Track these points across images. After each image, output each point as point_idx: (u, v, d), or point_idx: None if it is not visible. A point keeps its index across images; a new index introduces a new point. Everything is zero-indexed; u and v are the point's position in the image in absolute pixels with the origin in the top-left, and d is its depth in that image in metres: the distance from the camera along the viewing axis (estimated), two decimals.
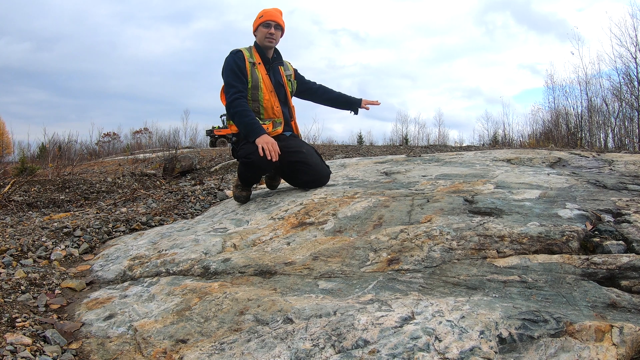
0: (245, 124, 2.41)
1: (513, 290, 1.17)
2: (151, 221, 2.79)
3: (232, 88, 2.48)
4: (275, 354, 1.02)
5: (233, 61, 2.53)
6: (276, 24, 2.59)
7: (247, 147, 2.45)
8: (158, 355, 1.13)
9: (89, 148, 19.43)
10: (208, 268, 1.67)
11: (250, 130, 2.39)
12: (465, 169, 2.91)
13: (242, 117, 2.43)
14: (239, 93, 2.48)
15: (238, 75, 2.52)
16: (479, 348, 0.91)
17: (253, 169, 2.50)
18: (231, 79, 2.50)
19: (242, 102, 2.47)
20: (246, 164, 2.50)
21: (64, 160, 7.40)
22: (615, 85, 11.31)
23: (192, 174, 6.15)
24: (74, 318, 1.45)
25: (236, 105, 2.45)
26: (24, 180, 4.68)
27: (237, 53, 2.57)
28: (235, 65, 2.52)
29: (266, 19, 2.57)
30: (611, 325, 0.90)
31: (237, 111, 2.44)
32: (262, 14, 2.61)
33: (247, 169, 2.54)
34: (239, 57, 2.55)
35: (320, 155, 2.74)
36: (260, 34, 2.59)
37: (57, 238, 2.37)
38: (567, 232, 1.43)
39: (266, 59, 2.64)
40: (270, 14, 2.59)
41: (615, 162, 3.03)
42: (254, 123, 2.40)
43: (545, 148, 5.48)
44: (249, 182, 2.69)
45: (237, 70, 2.52)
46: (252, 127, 2.39)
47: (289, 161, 2.54)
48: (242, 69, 2.54)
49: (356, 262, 1.51)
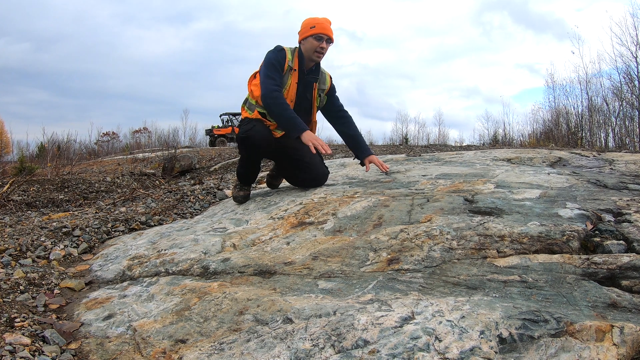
0: (287, 119, 2.39)
1: (513, 290, 1.16)
2: (150, 221, 2.78)
3: (272, 80, 2.43)
4: (274, 354, 1.02)
5: (275, 57, 2.48)
6: (328, 38, 2.49)
7: (246, 126, 2.46)
8: (157, 355, 1.12)
9: (88, 148, 19.41)
10: (207, 268, 1.67)
11: (292, 125, 2.39)
12: (465, 168, 2.90)
13: (284, 110, 2.39)
14: (278, 87, 2.43)
15: (278, 71, 2.47)
16: (479, 348, 0.91)
17: (251, 147, 2.48)
18: (271, 72, 2.45)
19: (283, 96, 2.43)
20: (244, 140, 2.48)
21: (62, 159, 7.39)
22: (615, 85, 11.27)
23: (192, 173, 6.14)
24: (73, 318, 1.45)
25: (277, 97, 2.40)
26: (23, 179, 4.67)
27: (281, 51, 2.51)
28: (277, 61, 2.47)
29: (319, 31, 2.46)
30: (612, 325, 0.90)
31: (278, 103, 2.39)
32: (314, 24, 2.48)
33: (245, 147, 2.51)
34: (282, 56, 2.49)
35: (321, 156, 2.74)
36: (309, 45, 2.48)
37: (56, 238, 2.36)
38: (567, 231, 1.43)
39: (302, 68, 2.56)
40: (323, 26, 2.48)
41: (615, 162, 3.03)
42: (296, 118, 2.39)
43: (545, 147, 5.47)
44: (248, 177, 2.66)
45: (278, 66, 2.47)
46: (294, 122, 2.39)
47: (290, 157, 2.56)
48: (282, 67, 2.49)
49: (356, 261, 1.50)
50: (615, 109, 11.19)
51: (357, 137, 2.79)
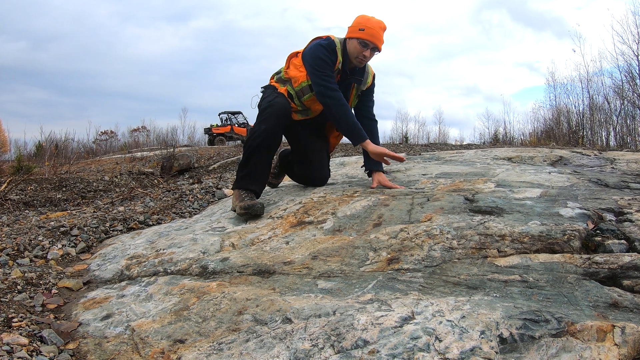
0: (352, 124, 2.28)
1: (514, 290, 1.16)
2: (149, 220, 2.77)
3: (326, 76, 2.26)
4: (274, 354, 1.01)
5: (328, 56, 2.29)
6: (374, 47, 2.30)
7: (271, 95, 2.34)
8: (156, 356, 1.12)
9: (86, 146, 19.33)
10: (206, 267, 1.66)
11: (357, 133, 2.28)
12: (465, 167, 2.90)
13: (346, 113, 2.27)
14: (334, 84, 2.28)
15: (331, 69, 2.30)
16: (479, 348, 0.90)
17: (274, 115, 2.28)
18: (325, 69, 2.27)
19: (342, 96, 2.28)
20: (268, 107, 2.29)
21: (60, 158, 7.36)
22: (617, 83, 11.23)
23: (190, 172, 6.13)
24: (70, 318, 1.44)
25: (338, 97, 2.25)
26: (21, 178, 4.65)
27: (333, 52, 2.31)
28: (330, 60, 2.30)
29: (366, 37, 2.26)
30: (613, 325, 0.89)
31: (341, 104, 2.25)
32: (364, 26, 2.28)
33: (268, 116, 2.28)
34: (333, 60, 2.31)
35: (328, 159, 2.68)
36: (353, 48, 2.31)
37: (54, 237, 2.35)
38: (568, 231, 1.43)
39: (345, 68, 2.39)
40: (372, 32, 2.27)
41: (617, 161, 3.03)
42: (358, 124, 2.29)
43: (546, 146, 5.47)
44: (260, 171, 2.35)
45: (330, 63, 2.30)
46: (357, 127, 2.28)
47: (297, 147, 2.55)
48: (333, 64, 2.32)
49: (356, 261, 1.50)
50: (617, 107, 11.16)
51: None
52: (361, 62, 2.36)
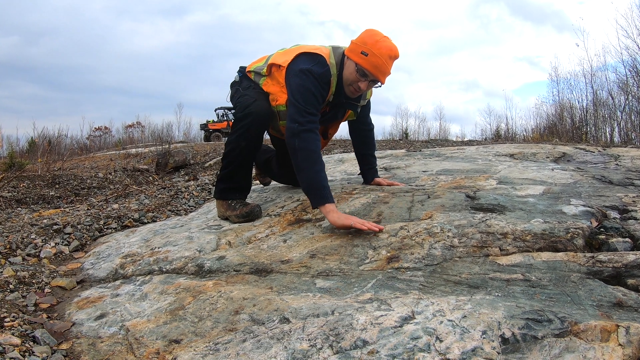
0: (317, 182, 1.75)
1: (516, 289, 1.14)
2: (144, 218, 2.74)
3: (308, 113, 1.82)
4: (271, 354, 1.00)
5: (317, 87, 1.87)
6: (373, 80, 1.89)
7: (244, 99, 2.02)
8: (151, 356, 1.10)
9: (80, 142, 19.16)
10: (202, 266, 1.64)
11: (319, 193, 1.74)
12: (467, 164, 2.88)
13: (316, 168, 1.78)
14: (315, 124, 1.84)
15: (319, 103, 1.90)
16: (481, 348, 0.89)
17: (255, 129, 1.98)
18: (311, 106, 1.85)
19: (316, 142, 1.82)
20: (242, 119, 1.97)
21: (53, 155, 7.27)
22: (621, 78, 11.10)
23: (186, 169, 6.08)
24: (64, 318, 1.42)
25: (309, 140, 1.79)
26: (13, 175, 4.60)
27: (327, 85, 1.92)
28: (319, 94, 1.89)
29: (367, 67, 1.82)
30: (617, 325, 0.88)
31: (311, 153, 1.79)
32: (369, 49, 1.81)
33: (246, 130, 1.99)
34: (323, 95, 1.93)
35: None
36: (350, 74, 1.90)
37: (47, 235, 2.32)
38: (571, 229, 1.41)
39: (340, 91, 2.00)
40: (378, 63, 1.81)
41: (621, 157, 3.02)
42: (324, 183, 1.76)
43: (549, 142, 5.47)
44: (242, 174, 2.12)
45: (320, 97, 1.90)
46: (321, 187, 1.74)
47: (280, 149, 2.38)
48: (324, 99, 1.95)
49: (355, 260, 1.48)
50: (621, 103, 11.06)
51: (369, 158, 2.39)
52: (354, 93, 1.97)
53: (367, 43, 1.82)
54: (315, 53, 1.93)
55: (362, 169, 2.43)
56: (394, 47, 1.84)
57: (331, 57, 1.94)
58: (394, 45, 1.85)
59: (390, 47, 1.83)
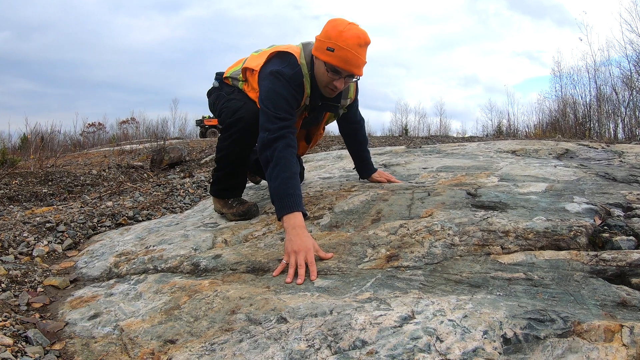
0: (278, 189, 1.60)
1: (518, 288, 1.13)
2: (138, 215, 2.71)
3: (278, 119, 1.69)
4: (268, 355, 0.98)
5: (289, 91, 1.75)
6: (349, 75, 1.74)
7: (232, 104, 1.94)
8: (145, 357, 1.08)
9: (73, 139, 19.02)
10: (198, 265, 1.62)
11: (286, 201, 1.57)
12: (467, 160, 2.87)
13: (282, 172, 1.62)
14: (287, 129, 1.69)
15: (291, 105, 1.76)
16: (482, 349, 0.88)
17: (247, 135, 1.91)
18: (281, 104, 1.72)
19: (289, 148, 1.66)
20: (233, 124, 1.89)
21: (46, 151, 7.20)
22: (625, 73, 11.04)
23: (181, 166, 6.04)
24: (57, 317, 1.40)
25: (279, 147, 1.64)
26: (5, 172, 4.54)
27: (300, 87, 1.80)
28: (292, 96, 1.76)
29: (337, 63, 1.68)
30: (621, 325, 0.87)
31: (282, 164, 1.62)
32: (334, 43, 1.66)
33: (239, 137, 1.93)
34: (297, 99, 1.80)
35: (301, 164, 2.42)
36: (322, 75, 1.76)
37: (40, 233, 2.28)
38: (574, 227, 1.40)
39: (315, 94, 1.88)
40: (347, 57, 1.66)
41: (625, 154, 3.01)
42: (291, 191, 1.58)
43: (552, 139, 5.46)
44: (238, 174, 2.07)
45: (292, 100, 1.77)
46: (289, 195, 1.57)
47: None
48: (298, 103, 1.83)
49: (353, 258, 1.46)
50: (625, 98, 11.01)
51: (361, 153, 2.33)
52: (331, 94, 1.84)
53: (331, 37, 1.67)
54: (286, 52, 1.83)
55: (357, 164, 2.41)
56: (362, 33, 1.68)
57: (301, 56, 1.82)
58: (361, 31, 1.69)
59: (356, 34, 1.66)
